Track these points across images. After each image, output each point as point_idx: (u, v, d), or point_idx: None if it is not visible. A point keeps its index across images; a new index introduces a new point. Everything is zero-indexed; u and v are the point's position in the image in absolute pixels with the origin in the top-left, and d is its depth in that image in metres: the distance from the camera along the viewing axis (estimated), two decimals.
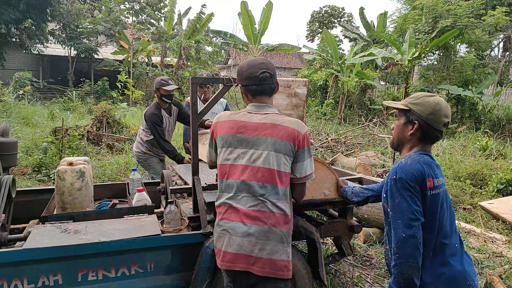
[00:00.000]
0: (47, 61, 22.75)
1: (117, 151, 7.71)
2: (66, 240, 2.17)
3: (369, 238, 4.19)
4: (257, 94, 1.88)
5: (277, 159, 1.75)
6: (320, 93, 18.27)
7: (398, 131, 1.75)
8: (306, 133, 1.82)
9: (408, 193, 1.55)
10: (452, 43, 13.26)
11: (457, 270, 1.62)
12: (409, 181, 1.56)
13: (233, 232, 1.76)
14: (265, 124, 1.80)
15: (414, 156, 1.65)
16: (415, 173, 1.57)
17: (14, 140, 4.62)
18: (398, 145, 1.78)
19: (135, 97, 14.08)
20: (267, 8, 16.98)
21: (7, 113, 10.99)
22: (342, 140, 9.92)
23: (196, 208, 2.55)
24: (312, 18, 34.27)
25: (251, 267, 1.72)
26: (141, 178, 3.31)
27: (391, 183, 1.60)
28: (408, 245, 1.52)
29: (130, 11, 16.73)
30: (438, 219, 1.61)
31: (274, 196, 1.75)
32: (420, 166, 1.59)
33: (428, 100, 1.67)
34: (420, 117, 1.66)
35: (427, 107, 1.66)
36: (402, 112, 1.74)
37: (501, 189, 5.79)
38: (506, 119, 12.25)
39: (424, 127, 1.67)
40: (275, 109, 1.91)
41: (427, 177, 1.58)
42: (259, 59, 1.90)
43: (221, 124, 1.88)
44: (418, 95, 1.73)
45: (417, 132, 1.68)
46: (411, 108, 1.69)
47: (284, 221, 1.77)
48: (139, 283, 2.29)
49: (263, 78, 1.84)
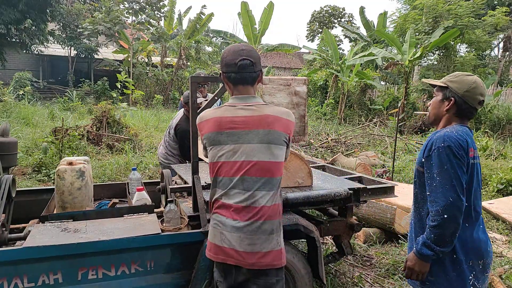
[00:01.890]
0: (47, 61, 22.77)
1: (117, 151, 7.72)
2: (66, 239, 2.17)
3: (369, 238, 4.19)
4: (237, 83, 1.80)
5: (272, 150, 1.74)
6: (320, 93, 18.28)
7: (434, 107, 1.88)
8: (293, 121, 1.86)
9: (456, 160, 1.65)
10: (452, 43, 13.26)
11: (481, 237, 1.77)
12: (457, 149, 1.66)
13: (223, 227, 1.75)
14: (254, 117, 1.75)
15: (457, 127, 1.75)
16: (462, 142, 1.67)
17: (14, 140, 4.63)
18: (434, 120, 1.89)
19: (135, 97, 14.09)
20: (268, 9, 16.98)
21: (7, 113, 10.99)
22: (342, 140, 9.93)
23: (196, 207, 2.55)
24: (312, 18, 34.28)
25: (241, 262, 1.71)
26: (141, 177, 3.31)
27: (439, 150, 1.67)
28: (455, 208, 1.63)
29: (129, 11, 16.75)
30: (474, 187, 1.74)
31: (267, 188, 1.73)
32: (465, 136, 1.70)
33: (466, 79, 1.78)
34: (456, 94, 1.77)
35: (464, 84, 1.77)
36: (439, 89, 1.85)
37: (501, 189, 5.79)
38: (506, 119, 12.25)
39: (459, 103, 1.77)
40: (259, 99, 1.85)
41: (469, 147, 1.69)
42: (242, 46, 1.82)
43: (205, 123, 1.82)
44: (457, 74, 1.83)
45: (453, 108, 1.80)
46: (448, 85, 1.80)
47: (274, 212, 1.75)
48: (139, 281, 2.28)
49: (243, 66, 1.75)
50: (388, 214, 4.19)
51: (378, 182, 3.13)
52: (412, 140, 10.25)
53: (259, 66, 1.82)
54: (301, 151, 8.39)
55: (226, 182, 1.76)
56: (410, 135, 12.24)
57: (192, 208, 2.63)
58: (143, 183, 3.29)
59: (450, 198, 1.62)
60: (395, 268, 3.61)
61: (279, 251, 1.76)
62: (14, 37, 15.09)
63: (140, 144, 8.26)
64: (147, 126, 10.52)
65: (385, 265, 3.68)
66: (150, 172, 6.55)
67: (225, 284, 1.82)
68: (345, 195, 2.62)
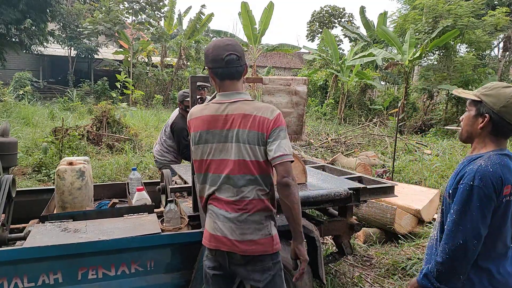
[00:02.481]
0: (47, 61, 22.77)
1: (117, 151, 7.72)
2: (66, 238, 2.17)
3: (369, 238, 4.19)
4: (224, 78, 1.81)
5: (249, 150, 1.74)
6: (320, 93, 18.29)
7: (467, 123, 1.65)
8: (277, 116, 1.76)
9: (481, 203, 1.49)
10: (452, 43, 13.26)
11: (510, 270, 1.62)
12: (486, 191, 1.48)
13: (216, 217, 1.81)
14: (234, 115, 1.77)
15: (494, 159, 1.53)
16: (495, 181, 1.48)
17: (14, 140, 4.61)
18: (467, 138, 1.68)
19: (135, 97, 14.09)
20: (268, 9, 16.97)
21: (7, 113, 11.00)
22: (342, 140, 9.93)
23: (196, 207, 2.56)
24: (312, 18, 34.27)
25: (235, 249, 1.77)
26: (141, 177, 3.31)
27: (467, 188, 1.51)
28: (464, 252, 1.51)
29: (129, 11, 16.75)
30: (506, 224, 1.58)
31: (253, 184, 1.77)
32: (500, 173, 1.50)
33: (503, 92, 1.55)
34: (492, 110, 1.55)
35: (501, 99, 1.54)
36: (472, 103, 1.62)
37: None
38: None
39: (495, 121, 1.55)
40: (245, 94, 1.84)
41: (505, 184, 1.50)
42: (226, 40, 1.82)
43: (193, 121, 1.86)
44: (492, 85, 1.60)
45: (488, 126, 1.58)
46: (482, 100, 1.58)
47: (263, 206, 1.79)
48: (139, 281, 2.28)
49: (230, 61, 1.76)
50: (388, 214, 4.19)
51: (378, 182, 3.13)
52: (412, 140, 10.26)
53: (244, 60, 1.83)
54: (301, 151, 8.39)
55: (215, 178, 1.81)
56: (410, 135, 12.24)
57: (192, 208, 2.64)
58: (143, 183, 3.29)
59: (461, 241, 1.50)
60: (395, 268, 3.61)
61: (270, 238, 1.80)
62: (14, 37, 15.08)
63: (140, 144, 8.26)
64: (147, 126, 10.53)
65: (385, 265, 3.68)
66: (150, 172, 6.56)
67: (220, 270, 1.87)
68: (345, 195, 2.62)
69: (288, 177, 1.69)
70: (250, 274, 1.81)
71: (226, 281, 1.92)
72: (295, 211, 1.71)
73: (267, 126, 1.74)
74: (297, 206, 1.72)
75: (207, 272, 1.92)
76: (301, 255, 1.76)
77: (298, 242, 1.76)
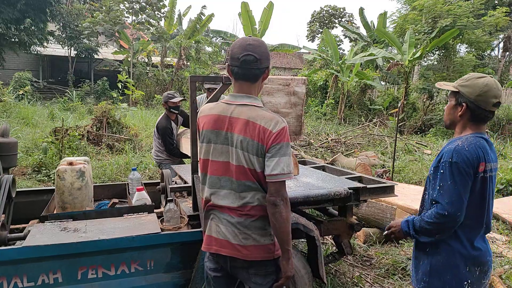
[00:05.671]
0: (47, 61, 22.75)
1: (117, 151, 7.72)
2: (66, 238, 2.17)
3: (369, 238, 4.19)
4: (238, 78, 1.74)
5: (246, 157, 1.69)
6: (320, 93, 18.28)
7: (448, 112, 1.84)
8: (281, 130, 1.65)
9: (460, 177, 1.65)
10: (452, 43, 13.26)
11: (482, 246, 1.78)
12: (464, 166, 1.65)
13: (218, 220, 1.79)
14: (239, 120, 1.70)
15: (470, 139, 1.71)
16: (471, 158, 1.65)
17: (14, 141, 4.62)
18: (450, 125, 1.86)
19: (135, 97, 14.08)
20: (268, 9, 16.98)
21: (7, 113, 10.99)
22: (342, 140, 9.93)
23: (196, 207, 2.56)
24: (312, 18, 34.28)
25: (236, 253, 1.75)
26: (141, 177, 3.31)
27: (446, 164, 1.68)
28: (448, 221, 1.66)
29: (129, 11, 16.75)
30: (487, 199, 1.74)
31: (255, 191, 1.73)
32: (475, 151, 1.67)
33: (477, 82, 1.72)
34: (468, 99, 1.72)
35: (475, 88, 1.71)
36: (452, 94, 1.81)
37: (501, 189, 5.79)
38: (506, 119, 12.25)
39: (472, 109, 1.73)
40: (255, 99, 1.76)
41: (480, 161, 1.67)
42: (250, 40, 1.72)
43: (202, 118, 1.84)
44: (469, 76, 1.78)
45: (466, 114, 1.76)
46: (460, 90, 1.75)
47: (266, 212, 1.75)
48: (139, 281, 2.29)
49: (245, 61, 1.68)
50: (388, 214, 4.19)
51: (378, 181, 3.13)
52: (412, 140, 10.26)
53: (265, 63, 1.73)
54: (301, 151, 8.39)
55: (214, 180, 1.78)
56: (410, 135, 12.24)
57: (192, 207, 2.64)
58: (143, 183, 3.29)
59: (445, 212, 1.65)
60: (395, 268, 3.61)
61: (272, 244, 1.78)
62: (13, 37, 15.08)
63: (140, 144, 8.26)
64: (147, 126, 10.52)
65: (385, 265, 3.68)
66: (150, 172, 6.56)
67: (221, 271, 1.86)
68: (345, 194, 2.63)
69: (276, 197, 1.65)
70: (252, 277, 1.80)
71: (227, 283, 1.91)
72: (281, 229, 1.67)
73: (268, 138, 1.65)
74: (284, 225, 1.66)
75: (208, 273, 1.91)
76: (284, 271, 1.72)
77: (284, 258, 1.72)
